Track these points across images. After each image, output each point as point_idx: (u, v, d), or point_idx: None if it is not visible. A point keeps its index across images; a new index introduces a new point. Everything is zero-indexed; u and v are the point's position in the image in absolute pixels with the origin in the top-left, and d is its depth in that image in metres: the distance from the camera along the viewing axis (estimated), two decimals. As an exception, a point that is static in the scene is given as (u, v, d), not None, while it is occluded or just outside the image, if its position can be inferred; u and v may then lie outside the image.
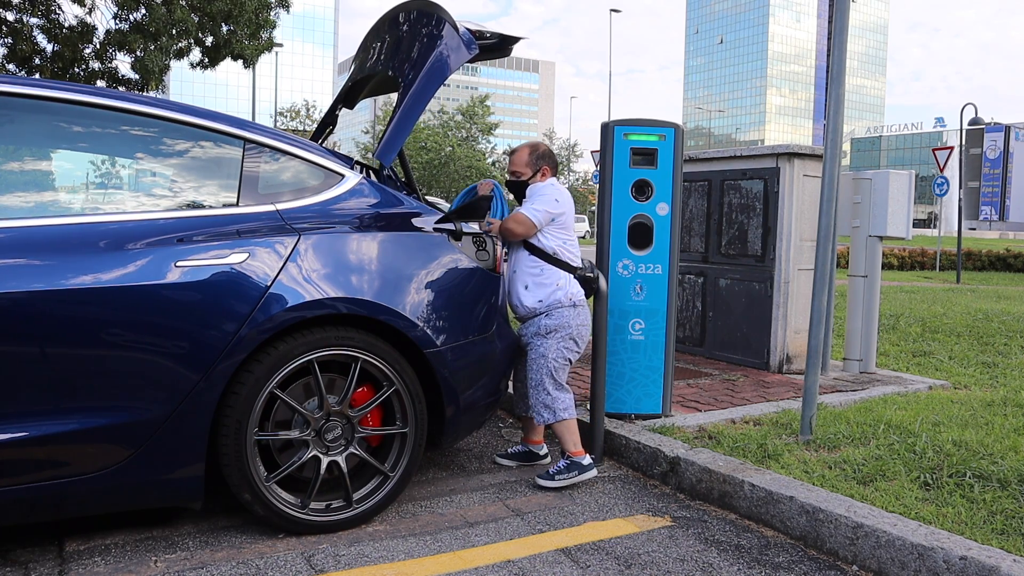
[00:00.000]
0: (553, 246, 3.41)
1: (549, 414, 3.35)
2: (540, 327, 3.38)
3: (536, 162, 3.52)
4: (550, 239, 3.42)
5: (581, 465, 3.31)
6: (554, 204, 3.38)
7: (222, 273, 2.60)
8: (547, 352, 3.37)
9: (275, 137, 2.93)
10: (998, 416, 3.96)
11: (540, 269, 3.40)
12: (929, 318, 8.04)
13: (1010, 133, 24.02)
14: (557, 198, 3.40)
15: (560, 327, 3.36)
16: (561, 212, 3.40)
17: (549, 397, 3.35)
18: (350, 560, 2.61)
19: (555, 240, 3.42)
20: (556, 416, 3.34)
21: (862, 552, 2.60)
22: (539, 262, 3.41)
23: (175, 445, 2.54)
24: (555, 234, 3.42)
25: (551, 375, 3.36)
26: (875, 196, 5.09)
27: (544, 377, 3.35)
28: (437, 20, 3.29)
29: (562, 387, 3.40)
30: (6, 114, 2.55)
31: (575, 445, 3.34)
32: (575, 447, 3.34)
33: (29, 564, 2.53)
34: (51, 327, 2.37)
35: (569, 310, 3.38)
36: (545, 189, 3.45)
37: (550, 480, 3.29)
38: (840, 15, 3.63)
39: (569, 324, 3.37)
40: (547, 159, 3.55)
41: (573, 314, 3.39)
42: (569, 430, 3.36)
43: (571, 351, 3.41)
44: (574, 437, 3.36)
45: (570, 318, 3.38)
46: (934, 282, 16.21)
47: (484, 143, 58.76)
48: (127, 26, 12.57)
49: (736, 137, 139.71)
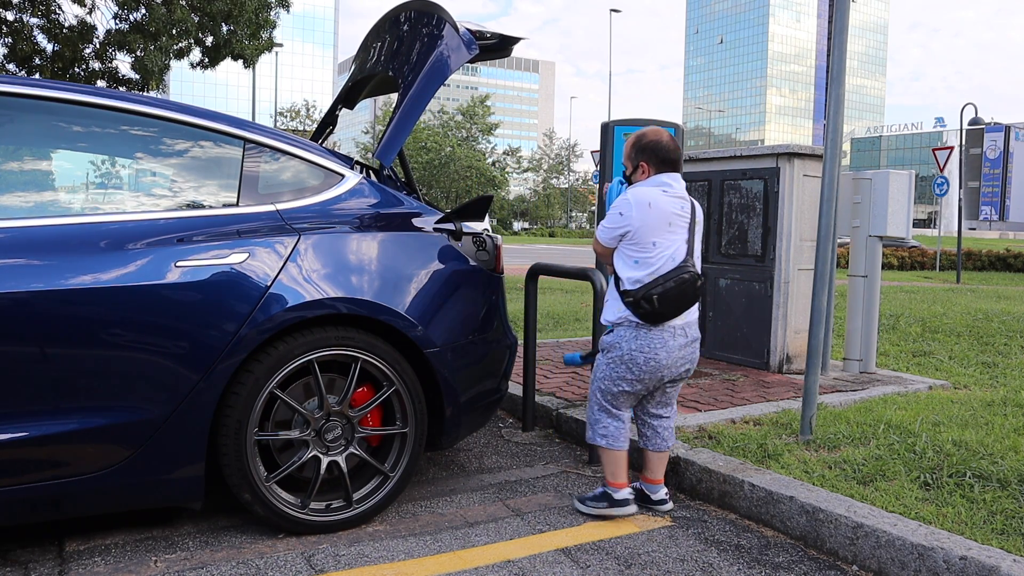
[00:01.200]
0: (619, 267, 2.96)
1: (590, 432, 3.08)
2: (601, 341, 3.07)
3: (635, 156, 2.99)
4: (619, 259, 2.97)
5: (612, 498, 3.00)
6: (617, 219, 2.93)
7: (222, 273, 2.60)
8: (597, 370, 3.06)
9: (275, 137, 2.93)
10: (998, 416, 3.96)
11: (612, 286, 3.03)
12: (929, 318, 8.04)
13: (1010, 133, 24.02)
14: (622, 211, 2.91)
15: (612, 346, 2.98)
16: (626, 228, 2.90)
17: (592, 416, 3.08)
18: (350, 560, 2.61)
19: (622, 261, 2.95)
20: (592, 437, 3.06)
21: (862, 552, 2.60)
22: (614, 280, 3.02)
23: (175, 445, 2.54)
24: (628, 253, 2.93)
25: (596, 394, 3.05)
26: (875, 196, 5.09)
27: (594, 393, 3.07)
28: (437, 20, 3.30)
29: (608, 411, 3.02)
30: (6, 114, 2.55)
31: (613, 476, 3.02)
32: (612, 478, 3.02)
33: (29, 564, 2.53)
34: (51, 327, 2.37)
35: (627, 329, 2.93)
36: (620, 199, 2.97)
37: (581, 504, 3.07)
38: (840, 15, 3.63)
39: (620, 345, 2.94)
40: (648, 153, 2.96)
41: (630, 335, 2.92)
42: (610, 459, 3.03)
43: (621, 376, 2.96)
44: (613, 468, 3.03)
45: (624, 338, 2.93)
46: (934, 282, 16.21)
47: (484, 143, 58.78)
48: (127, 26, 12.57)
49: (736, 137, 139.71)
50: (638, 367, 2.92)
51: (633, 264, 2.91)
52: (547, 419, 4.26)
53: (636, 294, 2.87)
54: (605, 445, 3.02)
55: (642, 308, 2.86)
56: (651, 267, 2.88)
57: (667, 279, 2.86)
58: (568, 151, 67.65)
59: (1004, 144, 23.95)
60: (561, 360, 5.59)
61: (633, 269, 2.91)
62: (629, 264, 2.92)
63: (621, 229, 2.91)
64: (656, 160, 2.95)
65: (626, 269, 2.92)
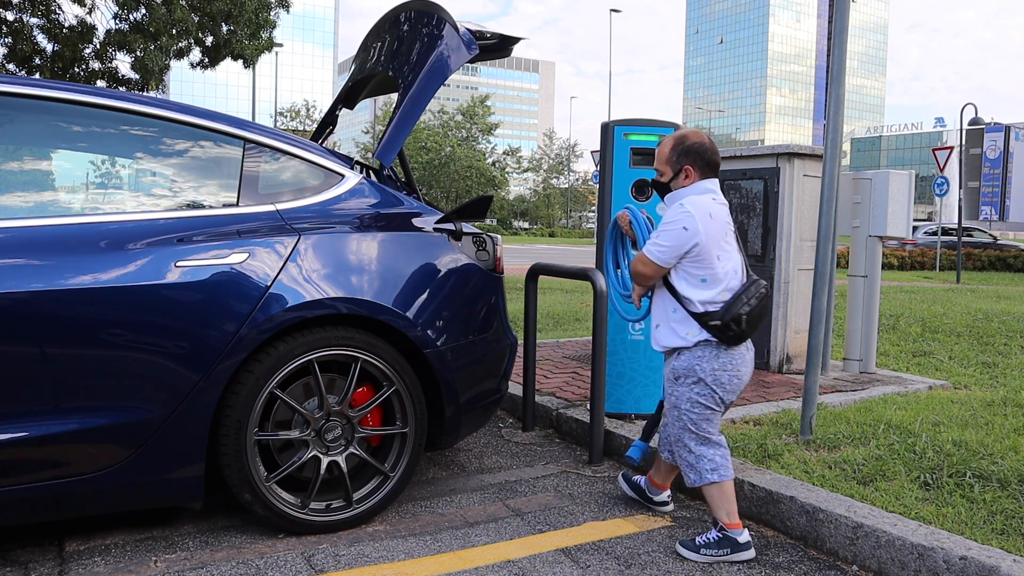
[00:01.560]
0: (684, 288, 2.68)
1: (695, 475, 2.71)
2: (671, 369, 2.76)
3: (678, 159, 2.74)
4: (682, 279, 2.68)
5: (736, 543, 2.65)
6: (679, 235, 2.62)
7: (222, 273, 2.60)
8: (679, 402, 2.73)
9: (275, 137, 2.93)
10: (998, 416, 3.96)
11: (674, 308, 2.72)
12: (929, 318, 8.04)
13: (1010, 133, 24.02)
14: (686, 225, 2.61)
15: (689, 371, 2.69)
16: (693, 243, 2.61)
17: (692, 455, 2.72)
18: (350, 560, 2.61)
19: (687, 281, 2.67)
20: (702, 478, 2.69)
21: (862, 552, 2.60)
22: (671, 298, 2.73)
23: (175, 445, 2.54)
24: (691, 271, 2.66)
25: (688, 428, 2.72)
26: (875, 196, 5.09)
27: (681, 432, 2.73)
28: (437, 20, 3.29)
29: (707, 441, 2.71)
30: (6, 114, 2.55)
31: (728, 516, 2.67)
32: (728, 518, 2.67)
33: (29, 564, 2.53)
34: (51, 327, 2.37)
35: (704, 349, 2.68)
36: (674, 212, 2.67)
37: (693, 552, 2.67)
38: (840, 15, 3.63)
39: (700, 367, 2.67)
40: (693, 156, 2.72)
41: (708, 355, 2.67)
42: (721, 495, 2.68)
43: (706, 398, 2.69)
44: (727, 505, 2.68)
45: (703, 360, 2.67)
46: (934, 282, 16.21)
47: (484, 143, 58.78)
48: (127, 26, 12.57)
49: (736, 137, 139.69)
50: (723, 388, 2.69)
51: (700, 283, 2.66)
52: (547, 419, 4.26)
53: (722, 316, 2.62)
54: (717, 479, 2.68)
55: (731, 331, 2.63)
56: (720, 284, 2.66)
57: (749, 297, 2.66)
58: (568, 151, 67.64)
59: (1004, 144, 23.95)
60: (561, 360, 5.59)
61: (701, 289, 2.66)
62: (694, 284, 2.67)
63: (687, 245, 2.62)
64: (702, 163, 2.73)
65: (692, 289, 2.67)
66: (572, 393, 4.54)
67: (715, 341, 2.66)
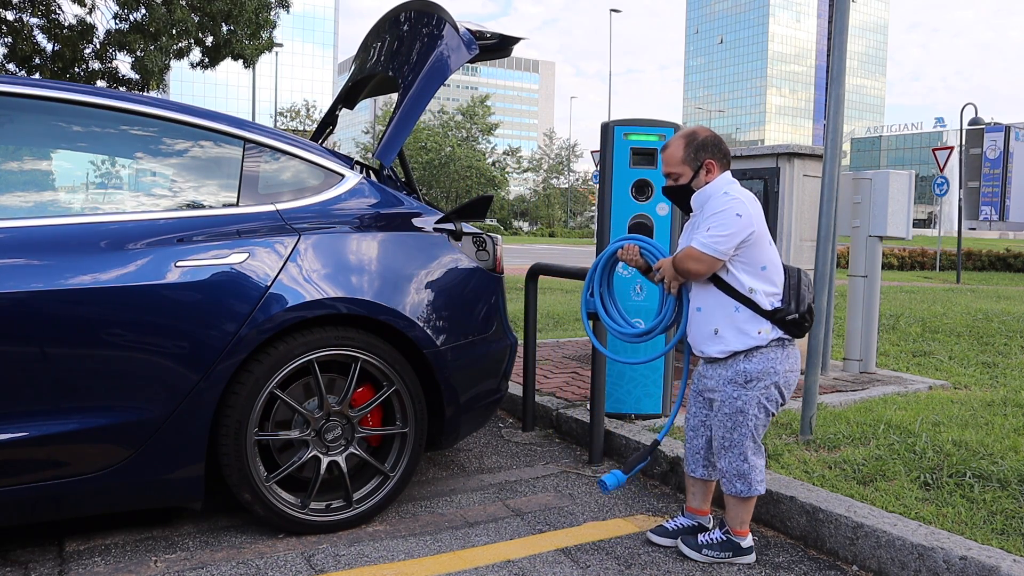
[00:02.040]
0: (748, 281, 2.55)
1: (743, 485, 2.59)
2: (737, 372, 2.57)
3: (696, 156, 2.63)
4: (742, 272, 2.55)
5: (739, 547, 2.64)
6: (735, 222, 2.49)
7: (222, 273, 2.60)
8: (747, 407, 2.56)
9: (275, 137, 2.93)
10: (998, 416, 3.96)
11: (736, 307, 2.56)
12: (929, 318, 8.03)
13: (1010, 133, 24.00)
14: (739, 212, 2.50)
15: (764, 373, 2.55)
16: (750, 230, 2.50)
17: (746, 465, 2.58)
18: (350, 560, 2.61)
19: (748, 273, 2.55)
20: (751, 489, 2.60)
21: (862, 552, 2.60)
22: (730, 299, 2.57)
23: (175, 445, 2.54)
24: (748, 262, 2.54)
25: (751, 436, 2.58)
26: (875, 196, 5.09)
27: (743, 439, 2.58)
28: (437, 20, 3.29)
29: (761, 451, 2.63)
30: (6, 114, 2.55)
31: (742, 524, 2.65)
32: (741, 526, 2.65)
33: (29, 564, 2.53)
34: (51, 327, 2.37)
35: (776, 350, 2.56)
36: (720, 201, 2.55)
37: (695, 551, 2.66)
38: (840, 15, 3.63)
39: (775, 369, 2.56)
40: (710, 150, 2.63)
41: (782, 356, 2.57)
42: (749, 506, 2.65)
43: (774, 403, 2.60)
44: (746, 515, 2.66)
45: (777, 361, 2.56)
46: (934, 282, 16.21)
47: (484, 143, 58.77)
48: (127, 26, 12.57)
49: (736, 137, 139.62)
50: (789, 389, 2.62)
51: (761, 271, 2.55)
52: (547, 419, 4.26)
53: (797, 309, 2.55)
54: (762, 491, 2.63)
55: (806, 323, 2.57)
56: (779, 273, 2.58)
57: (806, 286, 2.60)
58: (568, 151, 67.60)
59: (1004, 144, 23.93)
60: (561, 360, 5.59)
61: (762, 279, 2.55)
62: (755, 273, 2.55)
63: (744, 232, 2.49)
64: (720, 155, 2.64)
65: (755, 280, 2.54)
66: (572, 393, 4.54)
67: (786, 339, 2.58)
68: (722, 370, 2.61)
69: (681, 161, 2.65)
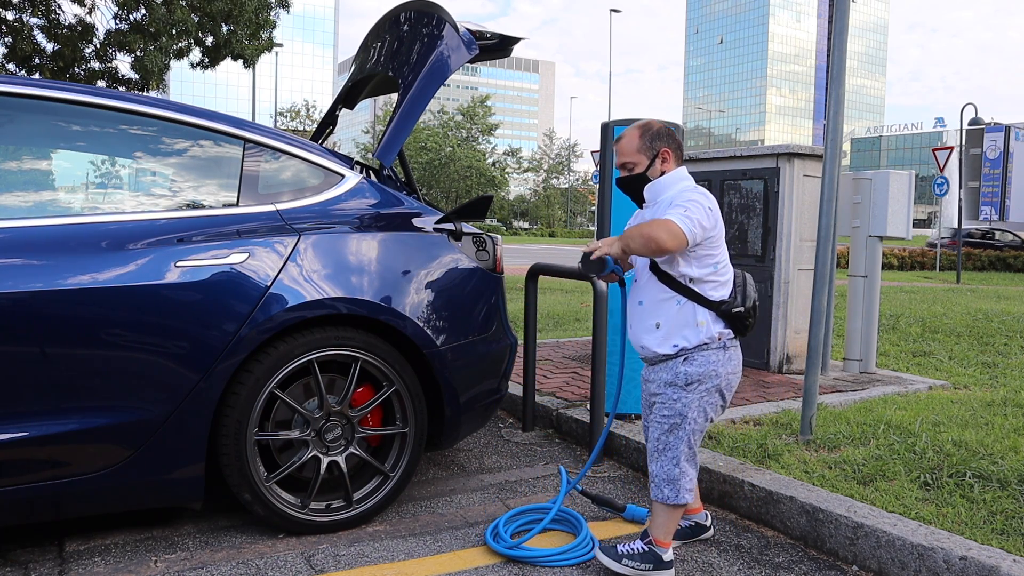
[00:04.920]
0: (695, 274, 2.47)
1: (671, 491, 2.49)
2: (677, 375, 2.49)
3: (651, 144, 2.57)
4: (694, 266, 2.47)
5: (660, 559, 2.51)
6: (708, 214, 2.42)
7: (222, 273, 2.60)
8: (687, 410, 2.48)
9: (275, 137, 2.93)
10: (998, 416, 3.96)
11: (678, 302, 2.49)
12: (929, 318, 8.03)
13: (1010, 133, 24.02)
14: (710, 206, 2.44)
15: (706, 376, 2.48)
16: (715, 222, 2.46)
17: (678, 470, 2.49)
18: (350, 560, 2.61)
19: (700, 267, 2.47)
20: (679, 497, 2.48)
21: (862, 552, 2.60)
22: (673, 293, 2.50)
23: (175, 445, 2.54)
24: (703, 257, 2.47)
25: (687, 441, 2.50)
26: (875, 196, 5.09)
27: (679, 443, 2.49)
28: (437, 20, 3.29)
29: (694, 459, 2.53)
30: (6, 114, 2.55)
31: (666, 535, 2.53)
32: (665, 537, 2.53)
33: (29, 564, 2.53)
34: (51, 327, 2.37)
35: (718, 352, 2.49)
36: (689, 194, 2.47)
37: (614, 560, 2.53)
38: (840, 15, 3.63)
39: (717, 372, 2.49)
40: (666, 139, 2.58)
41: (723, 358, 2.50)
42: (675, 515, 2.54)
43: (715, 407, 2.53)
44: (672, 525, 2.54)
45: (719, 363, 2.49)
46: (934, 282, 16.21)
47: (484, 143, 58.79)
48: (127, 26, 12.58)
49: (736, 137, 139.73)
50: (731, 391, 2.55)
51: (713, 268, 2.49)
52: (547, 419, 4.26)
53: (743, 303, 2.50)
54: (690, 500, 2.52)
55: (750, 320, 2.52)
56: (728, 272, 2.54)
57: (751, 285, 2.58)
58: (568, 151, 67.65)
59: (1004, 144, 23.95)
60: (561, 360, 5.59)
61: (714, 275, 2.50)
62: (707, 268, 2.48)
63: (710, 228, 2.44)
64: (675, 146, 2.59)
65: (706, 275, 2.49)
66: (572, 393, 4.54)
67: (728, 339, 2.50)
68: (663, 373, 2.53)
69: (636, 150, 2.58)
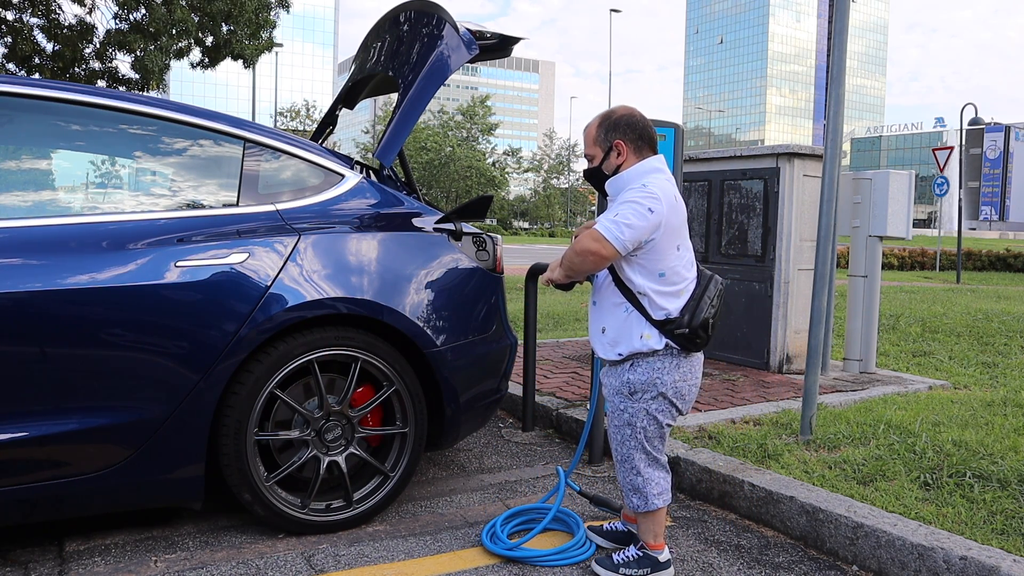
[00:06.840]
0: (642, 285, 2.34)
1: (639, 500, 2.46)
2: (623, 383, 2.43)
3: (606, 136, 2.41)
4: (638, 274, 2.34)
5: (656, 561, 2.48)
6: (646, 217, 2.25)
7: (222, 273, 2.60)
8: (634, 419, 2.42)
9: (275, 137, 2.93)
10: (998, 416, 3.96)
11: (627, 310, 2.38)
12: (929, 318, 8.03)
13: (1010, 133, 24.00)
14: (652, 207, 2.26)
15: (649, 384, 2.39)
16: (656, 231, 2.28)
17: (640, 479, 2.45)
18: (350, 560, 2.61)
19: (644, 276, 2.34)
20: (648, 504, 2.45)
21: (862, 552, 2.60)
22: (623, 299, 2.40)
23: (175, 445, 2.54)
24: (646, 265, 2.33)
25: (642, 448, 2.44)
26: (875, 196, 5.09)
27: (633, 452, 2.45)
28: (437, 20, 3.29)
29: (656, 462, 2.47)
30: (6, 114, 2.55)
31: (655, 538, 2.50)
32: (655, 540, 2.50)
33: (29, 564, 2.53)
34: (51, 327, 2.37)
35: (664, 360, 2.38)
36: (636, 192, 2.31)
37: (611, 571, 2.49)
38: (840, 15, 3.63)
39: (662, 380, 2.38)
40: (623, 130, 2.39)
41: (670, 366, 2.38)
42: (659, 519, 2.49)
43: (666, 413, 2.43)
44: (657, 528, 2.50)
45: (664, 371, 2.38)
46: (934, 282, 16.21)
47: (484, 143, 58.78)
48: (127, 26, 12.58)
49: (736, 137, 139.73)
50: (683, 400, 2.44)
51: (659, 278, 2.33)
52: (547, 419, 4.26)
53: (690, 323, 2.33)
54: (662, 504, 2.47)
55: (700, 338, 2.35)
56: (683, 280, 2.37)
57: (711, 298, 2.39)
58: (568, 151, 67.60)
59: (1004, 144, 23.94)
60: (561, 360, 5.59)
61: (660, 284, 2.34)
62: (651, 278, 2.33)
63: (650, 231, 2.28)
64: (634, 137, 2.39)
65: (653, 286, 2.34)
66: (572, 393, 4.54)
67: (676, 349, 2.38)
68: (611, 378, 2.48)
69: (593, 142, 2.45)
